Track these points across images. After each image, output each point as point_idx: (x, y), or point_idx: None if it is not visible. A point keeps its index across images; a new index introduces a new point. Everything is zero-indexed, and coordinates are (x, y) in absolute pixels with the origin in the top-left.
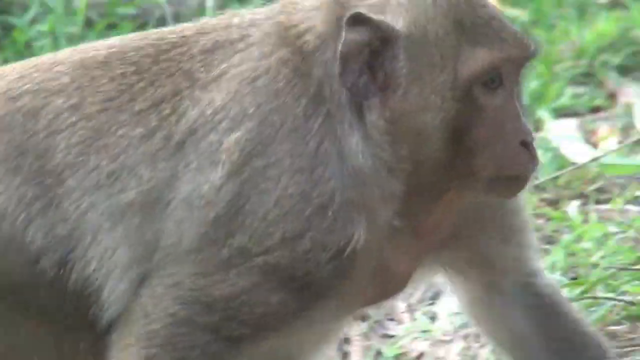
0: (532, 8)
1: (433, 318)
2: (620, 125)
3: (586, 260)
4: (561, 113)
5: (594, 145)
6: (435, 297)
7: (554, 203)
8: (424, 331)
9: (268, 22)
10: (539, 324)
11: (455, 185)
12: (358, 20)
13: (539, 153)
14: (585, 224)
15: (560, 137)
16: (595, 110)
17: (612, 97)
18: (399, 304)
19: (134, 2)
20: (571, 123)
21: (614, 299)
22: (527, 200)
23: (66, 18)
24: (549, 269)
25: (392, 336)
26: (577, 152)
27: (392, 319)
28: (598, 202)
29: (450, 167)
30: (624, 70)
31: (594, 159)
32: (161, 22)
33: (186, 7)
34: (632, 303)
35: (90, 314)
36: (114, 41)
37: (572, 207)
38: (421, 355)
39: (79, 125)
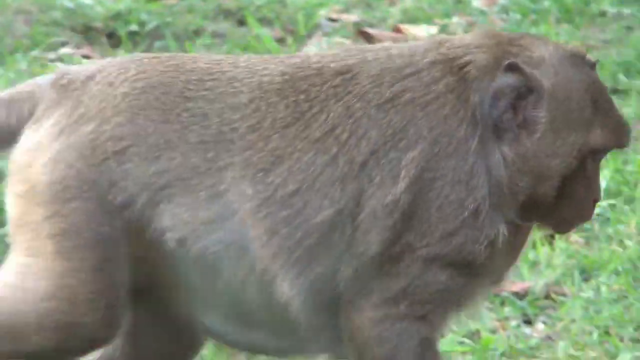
0: None
1: None
2: None
3: None
4: None
5: None
6: None
7: None
8: None
9: (432, 53)
10: None
11: (540, 217)
12: (513, 67)
13: None
14: None
15: None
16: None
17: None
18: None
19: None
20: None
21: None
22: None
23: None
24: None
25: None
26: None
27: None
28: None
29: (546, 205)
30: None
31: None
32: None
33: None
34: None
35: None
36: (283, 66)
37: None
38: None
39: (258, 145)
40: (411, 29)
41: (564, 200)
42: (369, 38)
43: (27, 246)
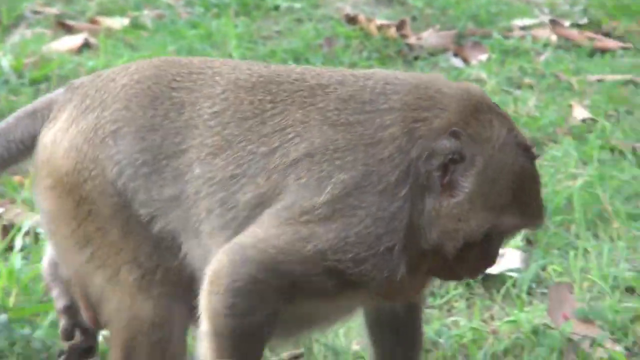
0: None
1: None
2: None
3: None
4: None
5: None
6: None
7: None
8: None
9: (397, 97)
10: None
11: (433, 268)
12: (457, 134)
13: None
14: None
15: None
16: None
17: None
18: None
19: None
20: None
21: None
22: None
23: None
24: None
25: None
26: None
27: None
28: None
29: (449, 259)
30: None
31: None
32: None
33: None
34: None
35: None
36: (265, 70)
37: None
38: None
39: (215, 129)
40: (107, 21)
41: (459, 261)
42: (68, 29)
43: (70, 234)
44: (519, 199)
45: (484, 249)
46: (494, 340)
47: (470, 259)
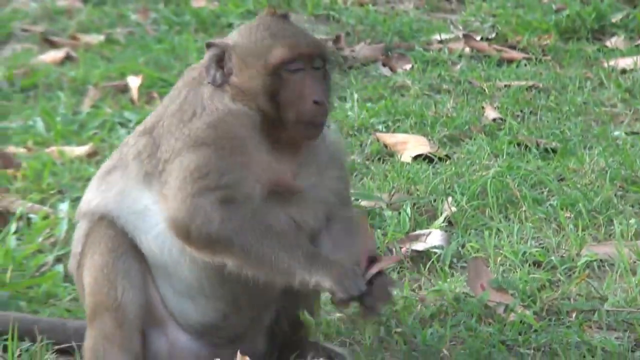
0: None
1: None
2: None
3: None
4: None
5: None
6: None
7: None
8: None
9: (189, 72)
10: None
11: (282, 127)
12: (208, 44)
13: None
14: None
15: None
16: None
17: None
18: None
19: None
20: None
21: None
22: None
23: None
24: None
25: None
26: None
27: None
28: None
29: (275, 115)
30: None
31: None
32: None
33: None
34: None
35: None
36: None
37: None
38: None
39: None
40: (85, 37)
41: (284, 109)
42: (52, 44)
43: None
44: (278, 38)
45: (291, 89)
46: (422, 307)
47: (289, 103)
